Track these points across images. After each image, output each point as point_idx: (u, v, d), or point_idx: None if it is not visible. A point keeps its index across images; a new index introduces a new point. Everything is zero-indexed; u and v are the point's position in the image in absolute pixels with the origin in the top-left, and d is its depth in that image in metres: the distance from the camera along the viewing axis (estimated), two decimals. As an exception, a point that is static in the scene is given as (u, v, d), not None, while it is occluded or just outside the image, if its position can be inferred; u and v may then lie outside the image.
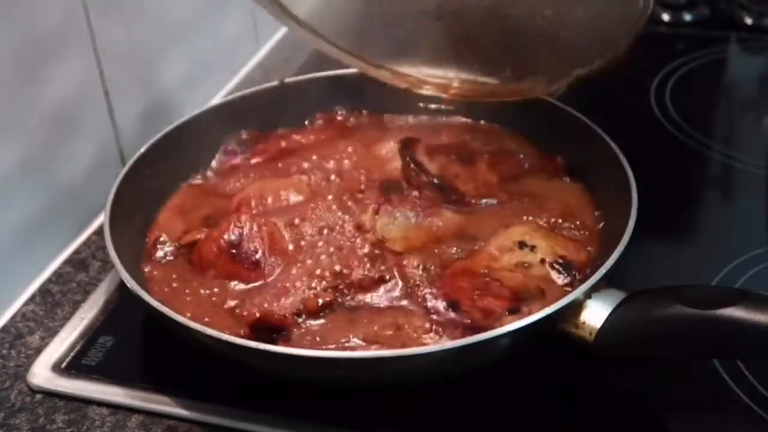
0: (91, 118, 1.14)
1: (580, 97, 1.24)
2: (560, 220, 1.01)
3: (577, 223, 1.01)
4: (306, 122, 1.22)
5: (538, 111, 1.14)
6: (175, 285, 0.96)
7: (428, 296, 0.91)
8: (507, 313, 0.88)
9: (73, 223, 1.14)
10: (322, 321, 0.89)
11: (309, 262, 0.96)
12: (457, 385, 0.85)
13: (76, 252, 1.11)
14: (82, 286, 1.05)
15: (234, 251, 0.95)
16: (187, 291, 0.95)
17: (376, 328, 0.88)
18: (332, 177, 1.10)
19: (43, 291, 1.05)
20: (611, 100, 1.34)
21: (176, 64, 1.31)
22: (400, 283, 0.93)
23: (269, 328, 0.88)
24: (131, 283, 0.87)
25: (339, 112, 1.23)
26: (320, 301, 0.91)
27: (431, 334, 0.86)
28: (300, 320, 0.89)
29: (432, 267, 0.94)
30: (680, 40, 1.54)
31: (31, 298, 1.04)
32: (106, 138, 1.18)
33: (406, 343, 0.86)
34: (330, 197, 1.05)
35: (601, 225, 1.00)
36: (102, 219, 0.98)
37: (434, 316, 0.89)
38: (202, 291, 0.94)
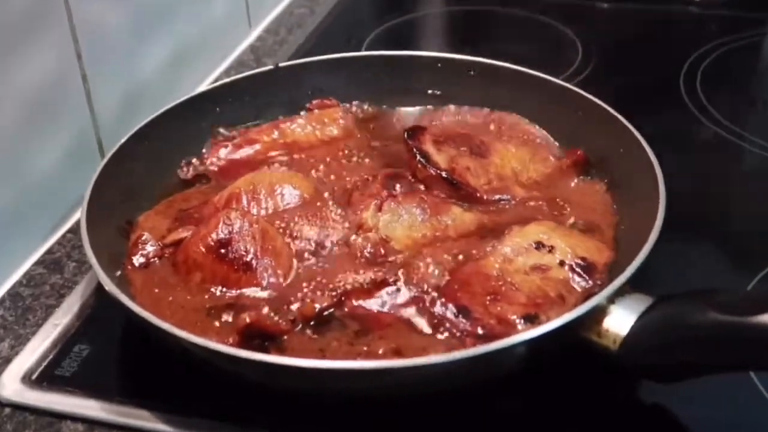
0: (67, 104, 1.14)
1: (604, 84, 1.24)
2: (581, 219, 1.01)
3: (599, 221, 1.01)
4: (302, 111, 1.22)
5: (558, 99, 1.13)
6: (158, 288, 0.95)
7: (436, 302, 0.90)
8: (522, 320, 0.87)
9: (47, 220, 1.13)
10: (319, 328, 0.89)
11: (306, 264, 0.95)
12: (468, 397, 0.85)
13: (50, 252, 1.11)
14: (56, 289, 1.05)
15: (223, 251, 0.94)
16: (171, 295, 0.94)
17: (378, 336, 0.87)
18: (331, 170, 1.10)
19: (13, 294, 1.04)
20: (637, 88, 1.33)
21: (161, 47, 1.30)
22: (405, 288, 0.92)
23: (261, 336, 0.87)
24: (110, 286, 0.87)
25: (338, 101, 1.22)
26: (317, 306, 0.90)
27: (439, 343, 0.86)
28: (295, 328, 0.89)
29: (440, 269, 0.94)
30: (712, 21, 1.53)
31: (0, 302, 1.03)
32: (84, 126, 1.17)
33: (412, 353, 0.85)
34: (328, 192, 1.05)
35: (626, 223, 1.00)
36: (78, 215, 0.97)
37: (442, 324, 0.88)
38: (187, 295, 0.94)
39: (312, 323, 0.89)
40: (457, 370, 0.79)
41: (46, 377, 0.92)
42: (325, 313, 0.90)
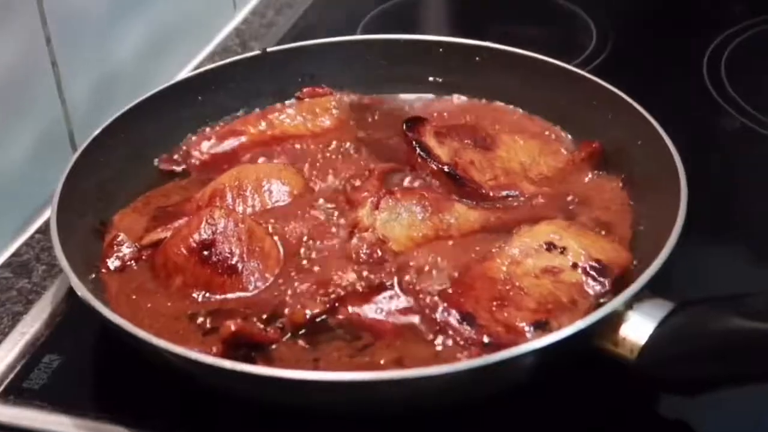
0: (35, 93, 1.14)
1: (620, 71, 1.24)
2: (595, 217, 1.01)
3: (615, 220, 1.01)
4: (291, 99, 1.22)
5: (571, 87, 1.14)
6: (135, 294, 0.95)
7: (437, 308, 0.90)
8: (532, 327, 0.87)
9: (14, 219, 1.13)
10: (311, 337, 0.89)
11: (296, 267, 0.95)
12: (472, 412, 0.85)
13: (17, 254, 1.11)
14: (23, 294, 1.05)
15: (206, 253, 0.94)
16: (149, 300, 0.94)
17: (375, 345, 0.88)
18: (323, 164, 1.10)
19: (-22, 300, 1.05)
20: (656, 74, 1.34)
21: (137, 30, 1.30)
22: (403, 293, 0.92)
23: (247, 345, 0.87)
24: (83, 292, 0.87)
25: (330, 89, 1.22)
26: (308, 313, 0.90)
27: (441, 353, 0.86)
28: (285, 336, 0.89)
29: (442, 272, 0.94)
30: (739, 1, 1.53)
31: (-37, 309, 1.04)
32: (54, 117, 1.17)
33: (411, 364, 0.85)
34: (320, 188, 1.06)
35: (644, 222, 1.00)
36: (48, 214, 0.97)
37: (445, 332, 0.88)
38: (167, 301, 0.94)
39: (303, 331, 0.89)
40: (460, 382, 0.79)
41: (12, 390, 0.92)
42: (318, 320, 0.90)
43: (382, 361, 0.86)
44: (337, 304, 0.91)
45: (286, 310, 0.91)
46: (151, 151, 1.14)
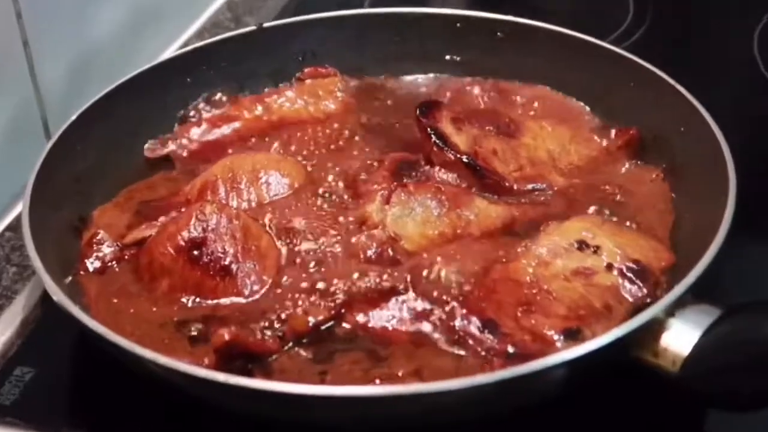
0: (4, 75, 1.14)
1: (660, 49, 1.24)
2: (632, 213, 1.02)
3: (655, 216, 1.01)
4: (290, 81, 1.22)
5: (604, 67, 1.14)
6: (116, 298, 0.96)
7: (456, 314, 0.90)
8: (562, 336, 0.87)
9: (-20, 216, 1.14)
10: (314, 347, 0.89)
11: (297, 268, 0.96)
12: (495, 427, 0.85)
13: (-15, 254, 1.12)
14: (-8, 299, 1.06)
15: (196, 253, 0.95)
16: (132, 306, 0.95)
17: (386, 356, 0.88)
18: (327, 153, 1.11)
19: (-59, 306, 1.05)
20: (700, 53, 1.34)
21: (117, 5, 1.30)
22: (417, 297, 0.92)
23: (243, 356, 0.88)
24: (59, 296, 0.87)
25: (335, 69, 1.22)
26: (311, 320, 0.91)
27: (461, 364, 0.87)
28: (285, 346, 0.89)
29: (461, 274, 0.94)
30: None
31: (-75, 315, 1.04)
32: (25, 101, 1.18)
33: (427, 377, 0.85)
34: (324, 180, 1.06)
35: (687, 219, 1.00)
36: (19, 209, 0.97)
37: (464, 341, 0.88)
38: (152, 306, 0.94)
39: (305, 340, 0.90)
40: (481, 397, 0.79)
41: (-19, 406, 0.93)
42: (322, 328, 0.91)
43: (400, 373, 0.86)
44: (343, 311, 0.92)
45: (286, 316, 0.91)
46: (134, 139, 1.14)
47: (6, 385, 0.94)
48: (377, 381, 0.85)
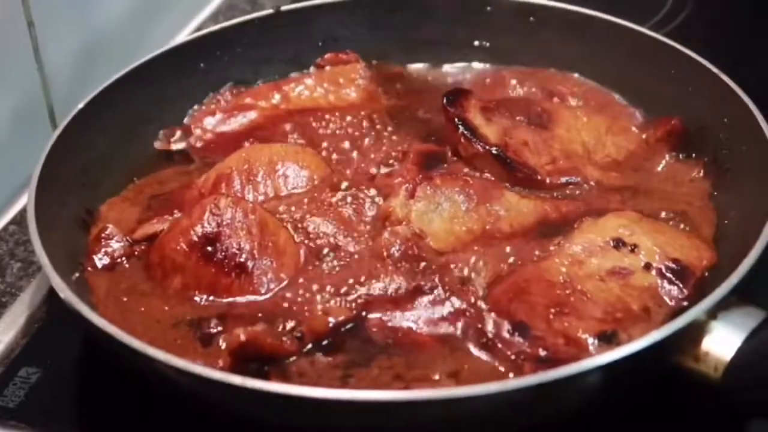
0: (7, 60, 1.15)
1: (703, 35, 1.23)
2: (672, 210, 1.02)
3: (696, 213, 1.02)
4: (310, 67, 1.23)
5: (643, 54, 1.14)
6: (126, 296, 0.96)
7: (485, 316, 0.91)
8: (597, 339, 0.87)
9: (-17, 208, 1.15)
10: (333, 349, 0.90)
11: (317, 265, 0.96)
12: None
13: (-12, 249, 1.13)
14: (-5, 296, 1.07)
15: (210, 249, 0.95)
16: (143, 304, 0.95)
17: (410, 360, 0.88)
18: (348, 145, 1.11)
19: (-58, 303, 1.06)
20: (747, 39, 1.33)
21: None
22: (444, 297, 0.93)
23: (259, 358, 0.88)
24: (66, 294, 0.87)
25: (356, 54, 1.23)
26: (332, 320, 0.91)
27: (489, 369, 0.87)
28: (303, 348, 0.89)
29: (490, 273, 0.94)
30: None
31: (-75, 313, 1.05)
32: (30, 88, 1.18)
33: (454, 381, 0.86)
34: (344, 173, 1.07)
35: (730, 216, 1.00)
36: (24, 202, 0.98)
37: (493, 345, 0.89)
38: (164, 305, 0.95)
39: (325, 342, 0.90)
40: (511, 403, 0.79)
41: (-16, 408, 0.94)
42: (342, 329, 0.91)
43: (436, 376, 0.86)
44: (364, 312, 0.92)
45: (305, 317, 0.91)
46: (144, 128, 1.15)
47: (10, 386, 0.95)
48: (403, 386, 0.86)
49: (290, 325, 0.91)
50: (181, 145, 1.15)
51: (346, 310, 0.92)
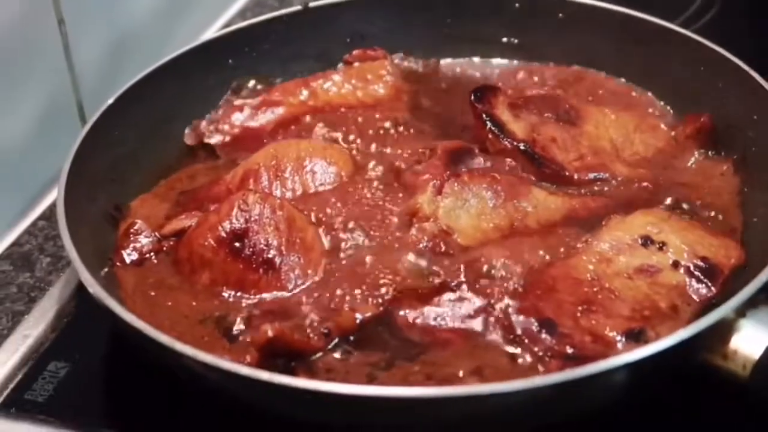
0: (38, 56, 1.15)
1: (733, 32, 1.22)
2: (701, 208, 1.01)
3: (725, 211, 1.01)
4: (338, 64, 1.23)
5: (673, 51, 1.14)
6: (154, 291, 0.97)
7: (512, 312, 0.91)
8: (624, 337, 0.87)
9: (13, 203, 1.15)
10: (361, 345, 0.90)
11: (344, 262, 0.96)
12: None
13: (17, 243, 1.13)
14: (24, 291, 1.07)
15: (237, 245, 0.95)
16: (170, 299, 0.96)
17: (435, 357, 0.88)
18: (376, 141, 1.11)
19: (-28, 297, 1.07)
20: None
21: (157, -18, 1.32)
22: (471, 294, 0.93)
23: (286, 354, 0.88)
24: (95, 288, 0.88)
25: (385, 51, 1.23)
26: (359, 316, 0.91)
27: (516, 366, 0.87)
28: (330, 344, 0.89)
29: (517, 270, 0.94)
30: None
31: (-44, 307, 1.06)
32: (60, 84, 1.19)
33: (480, 378, 0.86)
34: (372, 169, 1.07)
35: (760, 214, 1.00)
36: (54, 197, 0.98)
37: (521, 341, 0.88)
38: (192, 300, 0.95)
39: (352, 338, 0.90)
40: (537, 400, 0.79)
41: (13, 403, 0.94)
42: (369, 325, 0.91)
43: (460, 373, 0.86)
44: (391, 307, 0.92)
45: (332, 313, 0.91)
46: (173, 125, 1.15)
47: (39, 380, 0.96)
48: (429, 382, 0.86)
49: (317, 321, 0.91)
50: (211, 140, 1.15)
51: (373, 307, 0.92)
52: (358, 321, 0.91)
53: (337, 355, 0.89)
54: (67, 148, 1.01)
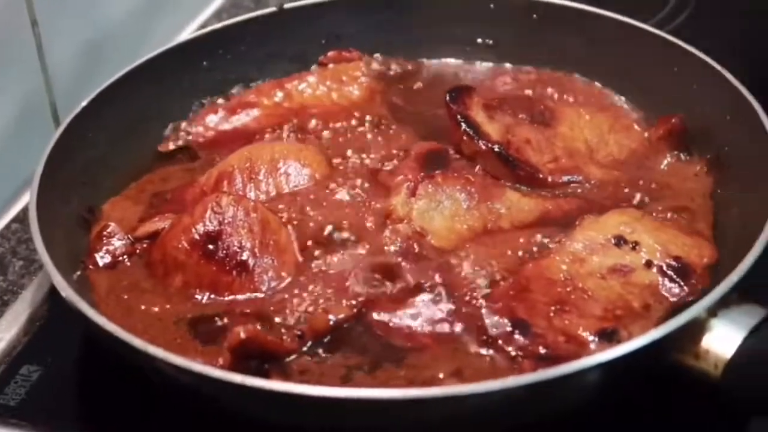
0: (11, 57, 1.15)
1: (706, 32, 1.23)
2: (674, 208, 1.02)
3: (698, 211, 1.01)
4: (312, 65, 1.23)
5: (646, 51, 1.14)
6: (127, 294, 0.96)
7: (485, 314, 0.91)
8: (597, 337, 0.87)
9: (-14, 206, 1.15)
10: (334, 347, 0.89)
11: (318, 264, 0.96)
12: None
13: (-10, 247, 1.13)
14: (-3, 294, 1.07)
15: (211, 247, 0.95)
16: (144, 302, 0.95)
17: (411, 358, 0.88)
18: (350, 143, 1.11)
19: (-56, 301, 1.06)
20: (749, 36, 1.32)
21: (131, -16, 1.32)
22: (445, 295, 0.93)
23: (259, 356, 0.88)
24: (67, 291, 0.88)
25: (359, 52, 1.23)
26: (332, 318, 0.91)
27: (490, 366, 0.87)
28: (304, 346, 0.89)
29: (491, 271, 0.94)
30: None
31: (-73, 310, 1.05)
32: (34, 86, 1.19)
33: (460, 380, 0.86)
34: (346, 171, 1.07)
35: (732, 214, 1.00)
36: (26, 200, 0.98)
37: (494, 342, 0.88)
38: (165, 303, 0.95)
39: (326, 340, 0.90)
40: (511, 400, 0.79)
41: (-15, 406, 0.94)
42: (344, 326, 0.91)
43: (441, 375, 0.86)
44: (364, 309, 0.92)
45: (306, 314, 0.91)
46: (147, 127, 1.15)
47: (11, 384, 0.95)
48: (405, 384, 0.86)
49: (291, 322, 0.91)
50: (183, 143, 1.14)
51: (347, 308, 0.92)
52: (331, 322, 0.91)
53: (311, 357, 0.89)
54: (40, 150, 1.01)
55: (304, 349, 0.90)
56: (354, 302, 0.92)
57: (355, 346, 0.90)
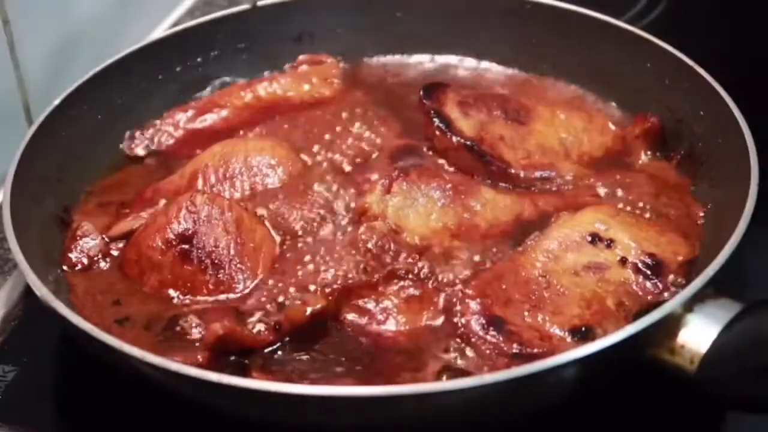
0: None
1: (679, 28, 1.23)
2: (648, 204, 1.02)
3: (673, 207, 1.02)
4: (285, 64, 1.23)
5: (619, 48, 1.15)
6: (104, 294, 0.96)
7: (460, 311, 0.91)
8: (572, 334, 0.88)
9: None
10: (313, 346, 0.90)
11: (293, 259, 0.96)
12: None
13: (-37, 247, 1.12)
14: (-29, 294, 1.06)
15: (186, 247, 0.95)
16: (120, 302, 0.95)
17: (389, 354, 0.89)
18: (323, 140, 1.11)
19: None
20: (722, 32, 1.33)
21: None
22: (421, 292, 0.93)
23: (237, 350, 0.88)
24: (42, 291, 0.87)
25: (330, 54, 1.23)
26: (309, 309, 0.91)
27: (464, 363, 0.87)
28: (282, 338, 0.89)
29: (465, 268, 0.95)
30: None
31: None
32: (6, 85, 1.18)
33: (429, 377, 0.86)
34: (320, 168, 1.07)
35: (707, 209, 1.01)
36: (0, 199, 0.98)
37: (468, 339, 0.89)
38: (142, 303, 0.95)
39: (305, 339, 0.90)
40: (487, 399, 0.79)
41: (-40, 408, 0.93)
42: (320, 319, 0.91)
43: (415, 372, 0.86)
44: (341, 298, 0.92)
45: (283, 307, 0.91)
46: (121, 125, 1.15)
47: (-14, 384, 0.95)
48: (379, 382, 0.86)
49: (267, 315, 0.91)
50: (153, 144, 1.15)
51: (323, 298, 0.92)
52: (308, 313, 0.91)
53: (287, 351, 0.89)
54: (13, 149, 1.01)
55: (283, 343, 0.90)
56: (329, 289, 0.92)
57: (332, 345, 0.90)
